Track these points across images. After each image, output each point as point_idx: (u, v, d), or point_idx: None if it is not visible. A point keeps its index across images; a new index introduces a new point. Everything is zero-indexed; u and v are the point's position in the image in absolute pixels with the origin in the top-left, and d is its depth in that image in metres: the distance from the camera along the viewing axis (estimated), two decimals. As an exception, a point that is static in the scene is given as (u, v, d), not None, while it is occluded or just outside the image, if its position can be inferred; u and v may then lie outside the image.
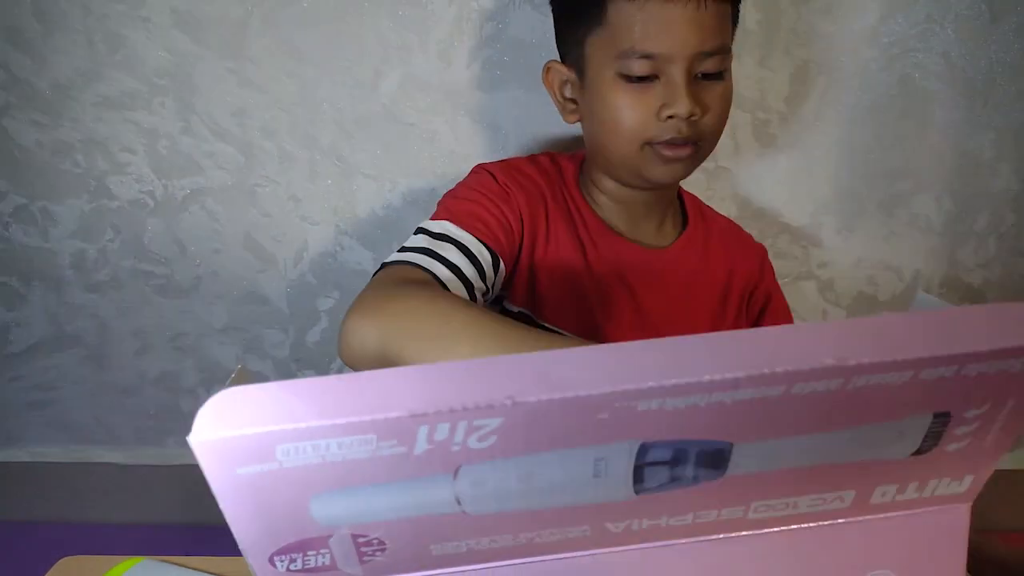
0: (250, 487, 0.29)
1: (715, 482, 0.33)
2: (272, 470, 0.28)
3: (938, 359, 0.28)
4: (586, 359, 0.29)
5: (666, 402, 0.29)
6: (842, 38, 0.97)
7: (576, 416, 0.29)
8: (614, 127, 0.74)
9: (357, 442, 0.28)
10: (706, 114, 0.72)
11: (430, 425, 0.28)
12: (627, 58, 0.70)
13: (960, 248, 1.09)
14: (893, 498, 0.36)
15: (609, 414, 0.29)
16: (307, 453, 0.28)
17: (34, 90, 0.98)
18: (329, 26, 0.95)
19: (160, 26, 0.95)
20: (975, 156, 1.04)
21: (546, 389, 0.28)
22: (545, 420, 0.29)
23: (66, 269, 1.09)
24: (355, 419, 0.27)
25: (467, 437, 0.29)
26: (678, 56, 0.70)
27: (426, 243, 0.70)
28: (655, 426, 0.30)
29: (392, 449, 0.28)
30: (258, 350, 1.14)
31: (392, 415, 0.27)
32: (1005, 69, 0.99)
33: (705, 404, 0.29)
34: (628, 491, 0.33)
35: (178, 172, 1.03)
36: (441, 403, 0.27)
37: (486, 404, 0.28)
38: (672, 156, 0.73)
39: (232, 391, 0.28)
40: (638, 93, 0.72)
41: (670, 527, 0.35)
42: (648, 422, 0.29)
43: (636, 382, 0.28)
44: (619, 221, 0.82)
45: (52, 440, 1.22)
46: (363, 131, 0.99)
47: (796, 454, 0.33)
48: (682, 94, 0.70)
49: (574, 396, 0.28)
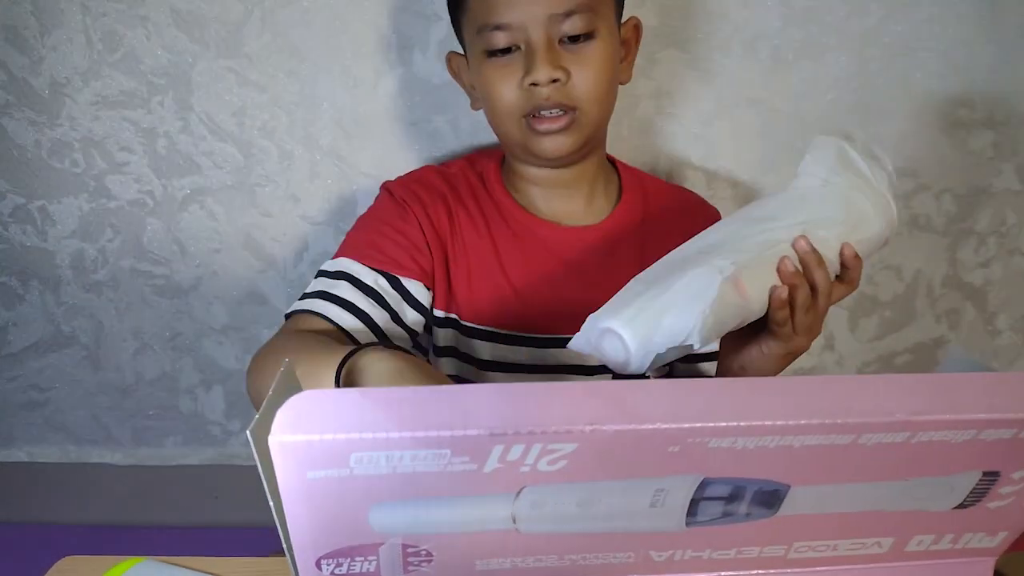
0: (316, 491, 0.29)
1: (764, 520, 0.34)
2: (342, 476, 0.29)
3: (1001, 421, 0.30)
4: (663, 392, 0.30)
5: (737, 441, 0.29)
6: (843, 37, 0.97)
7: (648, 448, 0.29)
8: (492, 105, 0.74)
9: (431, 456, 0.29)
10: (573, 78, 0.70)
11: (506, 445, 0.28)
12: (485, 33, 0.71)
13: (961, 247, 1.09)
14: (928, 547, 0.38)
15: (680, 448, 0.30)
16: (379, 463, 0.29)
17: (32, 89, 0.98)
18: (329, 25, 0.95)
19: (159, 25, 0.95)
20: (976, 155, 1.04)
21: (624, 420, 0.29)
22: (617, 449, 0.29)
23: (64, 269, 1.08)
24: (434, 433, 0.28)
25: (538, 460, 0.29)
26: (531, 22, 0.69)
27: (323, 286, 0.73)
28: (720, 463, 0.31)
29: (463, 465, 0.29)
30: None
31: (471, 432, 0.28)
32: (1006, 68, 0.99)
33: (774, 446, 0.30)
34: (680, 523, 0.33)
35: (177, 172, 1.02)
36: (521, 425, 0.28)
37: (565, 430, 0.28)
38: (545, 129, 0.72)
39: (310, 395, 0.28)
40: (502, 67, 0.72)
41: (712, 560, 0.36)
42: (715, 459, 0.30)
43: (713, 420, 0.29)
44: (544, 204, 0.81)
45: (50, 441, 1.21)
46: (363, 131, 0.99)
47: (849, 500, 0.34)
48: (538, 59, 0.69)
49: (651, 428, 0.29)
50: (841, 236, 0.61)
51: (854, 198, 0.62)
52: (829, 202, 0.62)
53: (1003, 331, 1.15)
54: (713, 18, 0.95)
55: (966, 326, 1.14)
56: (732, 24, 0.96)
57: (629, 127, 1.01)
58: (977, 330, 1.14)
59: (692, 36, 0.96)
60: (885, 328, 1.14)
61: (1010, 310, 1.14)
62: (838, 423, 0.29)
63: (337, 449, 0.28)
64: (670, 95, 0.99)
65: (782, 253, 0.59)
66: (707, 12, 0.95)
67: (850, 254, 0.62)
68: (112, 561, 0.59)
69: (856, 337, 1.14)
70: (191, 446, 1.21)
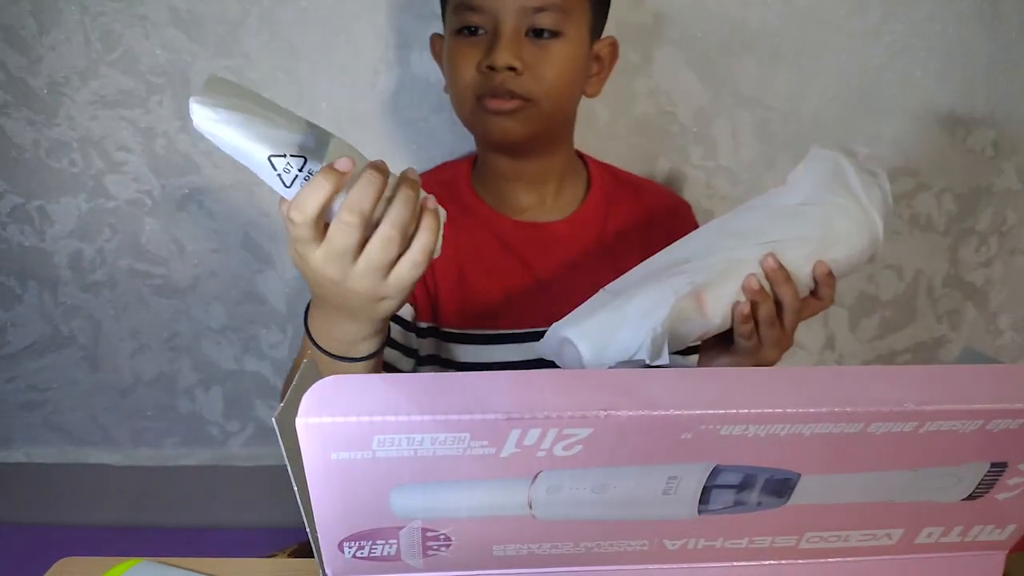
0: (341, 473, 0.31)
1: (776, 510, 0.34)
2: (365, 459, 0.30)
3: (1008, 411, 0.31)
4: (676, 380, 0.31)
5: (748, 429, 0.30)
6: (844, 36, 0.97)
7: (661, 434, 0.30)
8: (452, 83, 0.76)
9: (451, 439, 0.30)
10: (531, 71, 0.72)
11: (523, 429, 0.29)
12: (459, 11, 0.72)
13: (962, 247, 1.09)
14: (937, 540, 0.38)
15: (693, 435, 0.30)
16: (401, 446, 0.30)
17: (30, 89, 0.98)
18: (327, 24, 0.95)
19: (157, 24, 0.94)
20: (976, 155, 1.04)
21: (638, 406, 0.29)
22: (631, 435, 0.30)
23: (63, 269, 1.08)
24: (454, 417, 0.29)
25: (554, 445, 0.30)
26: (503, 8, 0.71)
27: None
28: (732, 451, 0.31)
29: (482, 449, 0.30)
30: (256, 350, 1.14)
31: (489, 417, 0.29)
32: (1006, 67, 0.99)
33: (784, 434, 0.30)
34: (692, 511, 0.34)
35: (176, 171, 1.02)
36: (538, 410, 0.29)
37: (580, 415, 0.29)
38: (493, 108, 0.73)
39: (334, 380, 0.30)
40: (468, 46, 0.73)
41: (724, 549, 0.37)
42: (727, 446, 0.31)
43: (725, 407, 0.29)
44: (513, 199, 0.82)
45: (47, 441, 1.21)
46: (361, 130, 0.99)
47: (858, 490, 0.34)
48: (500, 45, 0.71)
49: (664, 415, 0.30)
50: (814, 255, 0.62)
51: (834, 218, 0.62)
52: (807, 220, 0.62)
53: (1004, 331, 1.15)
54: (713, 17, 0.95)
55: (967, 326, 1.14)
56: (732, 23, 0.95)
57: (628, 126, 1.00)
58: (978, 330, 1.14)
59: (692, 35, 0.96)
60: (885, 328, 1.14)
61: (1011, 310, 1.14)
62: (847, 411, 0.30)
63: (360, 431, 0.29)
64: (669, 94, 0.99)
65: (749, 270, 0.60)
66: (707, 11, 0.95)
67: (823, 272, 0.62)
68: (110, 562, 0.58)
69: (856, 337, 1.14)
70: (189, 447, 1.20)
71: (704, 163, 1.03)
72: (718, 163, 1.03)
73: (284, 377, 1.15)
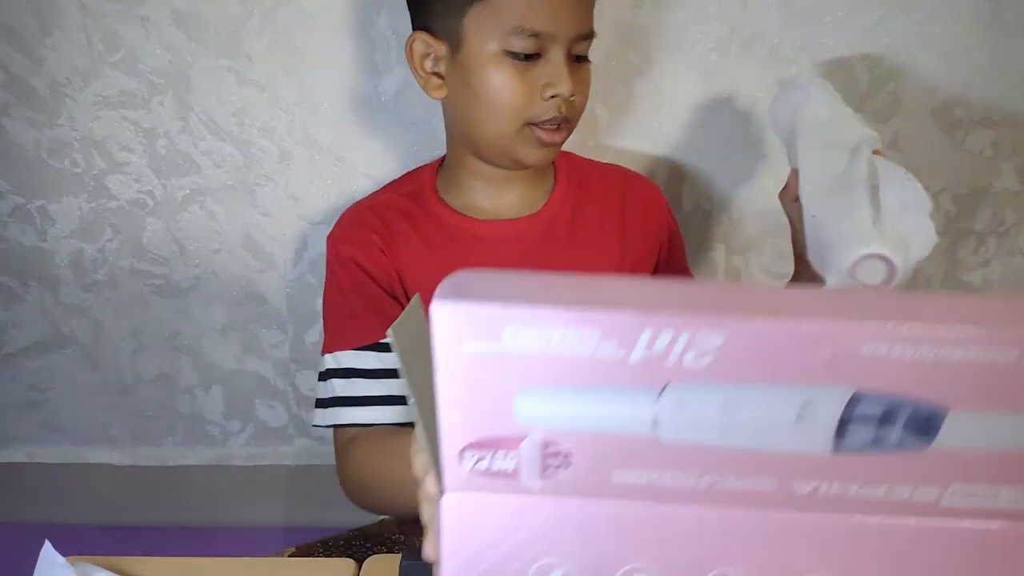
0: (469, 368, 0.30)
1: (918, 452, 0.31)
2: (494, 353, 0.29)
3: None
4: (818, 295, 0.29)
5: (892, 348, 0.28)
6: (843, 37, 0.97)
7: (797, 348, 0.28)
8: (495, 105, 0.74)
9: (581, 336, 0.29)
10: (579, 95, 0.74)
11: (654, 330, 0.28)
12: (514, 35, 0.71)
13: (960, 247, 1.09)
14: None
15: (831, 351, 0.28)
16: (531, 339, 0.29)
17: (32, 89, 0.98)
18: (329, 25, 0.95)
19: (159, 25, 0.95)
20: (975, 155, 1.04)
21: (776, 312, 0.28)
22: (766, 347, 0.29)
23: (64, 269, 1.08)
24: (586, 312, 0.29)
25: (684, 352, 0.29)
26: (561, 36, 0.71)
27: (340, 389, 0.78)
28: (873, 375, 0.29)
29: (611, 351, 0.29)
30: (257, 350, 1.14)
31: (622, 313, 0.28)
32: (1006, 68, 0.99)
33: (932, 358, 0.28)
34: (827, 444, 0.31)
35: (177, 171, 1.02)
36: (672, 310, 0.28)
37: (715, 319, 0.28)
38: (549, 140, 0.74)
39: (469, 272, 0.30)
40: (522, 71, 0.72)
41: (859, 498, 0.33)
42: (867, 369, 0.28)
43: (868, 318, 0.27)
44: (484, 200, 0.82)
45: (48, 441, 1.21)
46: (363, 131, 0.99)
47: (1013, 435, 0.30)
48: (565, 73, 0.72)
49: (801, 325, 0.28)
50: None
51: None
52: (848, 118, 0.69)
53: (1003, 331, 1.15)
54: (711, 17, 0.95)
55: (966, 326, 1.14)
56: (730, 24, 0.96)
57: (626, 126, 1.01)
58: (977, 330, 1.14)
59: (690, 35, 0.96)
60: (885, 328, 1.14)
61: (1010, 310, 1.14)
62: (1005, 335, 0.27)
63: (494, 319, 0.29)
64: (668, 95, 0.99)
65: None
66: (705, 11, 0.95)
67: None
68: (111, 562, 0.59)
69: (856, 337, 1.14)
70: (190, 446, 1.20)
71: (702, 164, 1.03)
72: (717, 164, 1.03)
73: (284, 377, 1.15)
